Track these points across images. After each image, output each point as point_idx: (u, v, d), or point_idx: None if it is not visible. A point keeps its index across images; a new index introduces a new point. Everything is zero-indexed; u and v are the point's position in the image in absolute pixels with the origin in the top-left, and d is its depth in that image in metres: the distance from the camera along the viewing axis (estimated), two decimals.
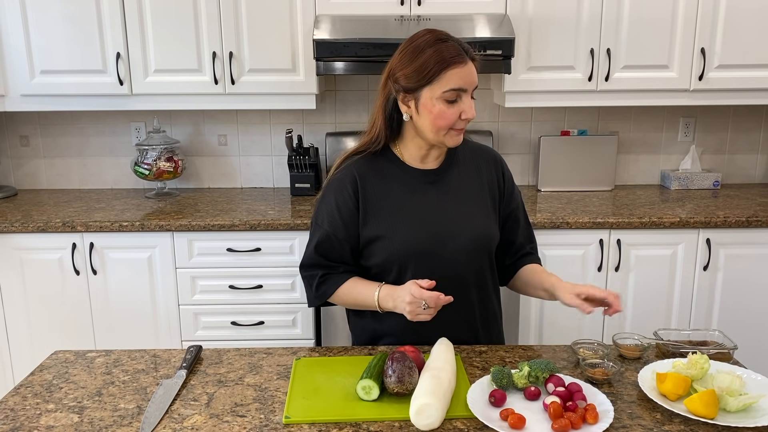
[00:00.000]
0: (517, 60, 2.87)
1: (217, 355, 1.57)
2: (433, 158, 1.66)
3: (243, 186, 3.40)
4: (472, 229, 1.62)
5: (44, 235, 2.74)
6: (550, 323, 2.84)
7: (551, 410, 1.26)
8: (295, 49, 2.88)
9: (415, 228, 1.60)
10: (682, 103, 2.98)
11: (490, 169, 1.71)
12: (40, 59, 2.87)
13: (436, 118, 1.53)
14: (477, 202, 1.66)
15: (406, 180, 1.63)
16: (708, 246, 2.78)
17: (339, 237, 1.62)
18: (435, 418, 1.24)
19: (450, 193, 1.64)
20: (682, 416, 1.28)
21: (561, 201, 3.05)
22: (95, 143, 3.34)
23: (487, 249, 1.66)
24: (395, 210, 1.61)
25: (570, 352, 1.58)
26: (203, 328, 2.84)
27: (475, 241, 1.62)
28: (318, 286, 1.67)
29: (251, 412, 1.32)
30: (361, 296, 1.62)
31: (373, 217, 1.61)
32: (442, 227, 1.61)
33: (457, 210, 1.63)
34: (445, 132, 1.55)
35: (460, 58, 1.51)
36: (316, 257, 1.66)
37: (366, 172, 1.63)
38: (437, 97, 1.51)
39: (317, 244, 1.65)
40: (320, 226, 1.64)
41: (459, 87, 1.50)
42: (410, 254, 1.58)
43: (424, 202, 1.62)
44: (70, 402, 1.36)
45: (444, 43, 1.52)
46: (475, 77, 1.54)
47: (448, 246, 1.60)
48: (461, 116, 1.53)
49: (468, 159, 1.70)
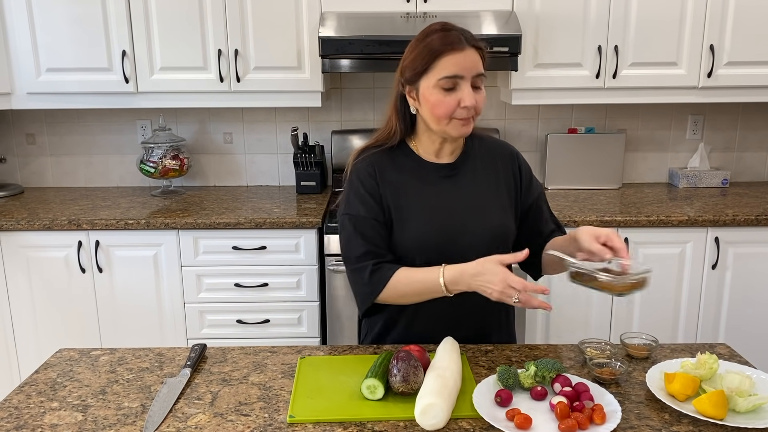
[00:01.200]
0: (524, 57, 2.86)
1: (222, 354, 1.56)
2: (448, 152, 1.64)
3: (249, 184, 3.40)
4: (486, 223, 1.60)
5: (50, 233, 2.75)
6: (557, 322, 2.82)
7: (558, 410, 1.25)
8: (301, 47, 2.87)
9: (429, 221, 1.58)
10: (691, 101, 2.95)
11: (506, 163, 1.68)
12: (46, 57, 2.87)
13: (433, 107, 1.51)
14: (493, 196, 1.64)
15: (421, 173, 1.62)
16: (717, 244, 2.75)
17: (379, 220, 1.58)
18: (440, 418, 1.23)
19: (465, 187, 1.62)
20: (690, 417, 1.27)
21: (568, 199, 3.03)
22: (101, 141, 3.35)
23: (502, 244, 1.63)
24: (410, 202, 1.59)
25: (577, 351, 1.57)
26: (209, 326, 2.84)
27: (489, 235, 1.60)
28: (372, 274, 1.54)
29: (255, 411, 1.31)
30: (421, 282, 1.50)
31: (390, 208, 1.59)
32: (456, 221, 1.59)
33: (471, 204, 1.61)
34: (447, 121, 1.52)
35: (457, 45, 1.48)
36: (364, 244, 1.56)
37: (383, 164, 1.62)
38: (433, 85, 1.50)
39: (361, 231, 1.57)
40: (355, 215, 1.58)
41: (454, 74, 1.48)
42: (423, 247, 1.56)
43: (438, 196, 1.60)
44: (74, 400, 1.35)
45: (444, 32, 1.50)
46: (476, 64, 1.50)
47: (462, 240, 1.57)
48: (460, 104, 1.49)
49: (484, 154, 1.68)
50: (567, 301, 2.79)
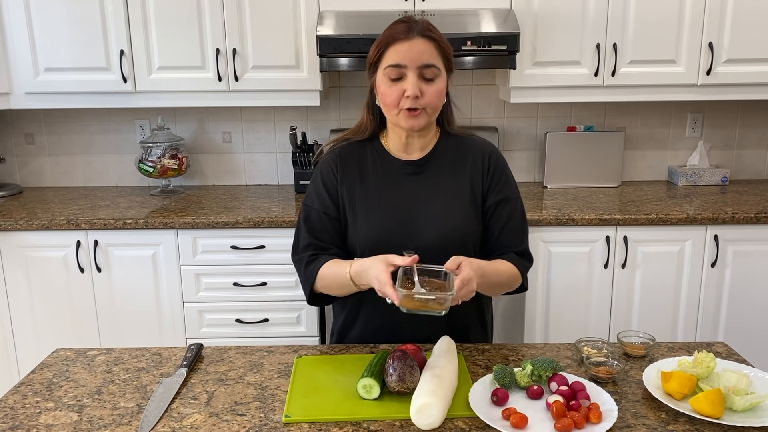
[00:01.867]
0: (523, 55, 2.85)
1: (218, 353, 1.56)
2: (418, 148, 1.62)
3: (248, 183, 3.39)
4: (443, 225, 1.56)
5: (49, 232, 2.74)
6: (556, 321, 2.82)
7: (554, 409, 1.24)
8: (299, 46, 2.87)
9: (384, 219, 1.57)
10: (690, 98, 2.94)
11: (477, 162, 1.62)
12: (44, 57, 2.87)
13: (382, 97, 1.53)
14: (455, 197, 1.59)
15: (385, 170, 1.61)
16: (716, 242, 2.75)
17: (330, 215, 1.60)
18: (436, 418, 1.22)
19: (428, 186, 1.60)
20: (687, 416, 1.26)
21: (567, 197, 3.03)
22: (100, 141, 3.34)
23: (460, 247, 1.54)
24: (368, 199, 1.59)
25: (574, 350, 1.56)
26: (208, 326, 2.83)
27: (444, 237, 1.55)
28: (307, 265, 1.59)
29: (251, 411, 1.31)
30: (338, 275, 1.52)
31: (346, 204, 1.60)
32: (412, 221, 1.57)
33: (431, 204, 1.58)
34: (396, 112, 1.52)
35: (402, 35, 1.48)
36: (308, 237, 1.61)
37: (348, 158, 1.63)
38: (382, 75, 1.51)
39: (309, 224, 1.61)
40: (309, 206, 1.63)
41: (397, 63, 1.48)
42: (375, 245, 1.53)
43: (399, 194, 1.59)
44: (69, 400, 1.35)
45: (397, 23, 1.51)
46: (422, 55, 1.48)
47: (417, 241, 1.54)
48: (404, 94, 1.48)
49: (457, 153, 1.63)
50: (566, 300, 2.79)
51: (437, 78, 1.51)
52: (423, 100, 1.50)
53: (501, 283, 1.59)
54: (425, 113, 1.52)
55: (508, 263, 1.59)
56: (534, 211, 2.77)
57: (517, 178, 1.72)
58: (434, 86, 1.51)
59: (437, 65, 1.51)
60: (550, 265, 2.76)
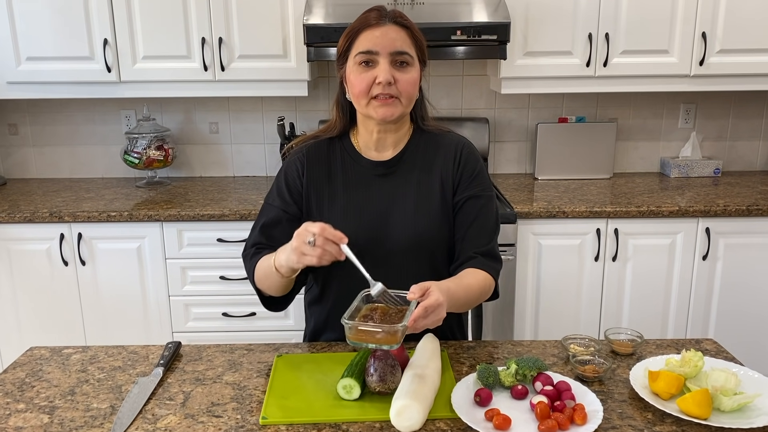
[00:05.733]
0: (513, 45, 2.81)
1: (197, 352, 1.53)
2: (390, 146, 1.57)
3: (235, 174, 3.35)
4: (410, 228, 1.51)
5: (31, 225, 2.70)
6: (547, 313, 2.79)
7: (538, 410, 1.21)
8: (286, 35, 2.82)
9: (351, 222, 1.51)
10: (683, 89, 2.91)
11: (448, 159, 1.56)
12: (25, 45, 2.81)
13: (352, 86, 1.47)
14: (425, 199, 1.54)
15: (354, 170, 1.56)
16: (707, 235, 2.72)
17: (290, 214, 1.55)
18: (416, 420, 1.19)
19: (397, 188, 1.55)
20: (674, 416, 1.24)
21: (558, 189, 2.99)
22: (85, 131, 3.29)
23: (427, 251, 1.52)
24: (333, 201, 1.54)
25: (561, 347, 1.53)
26: (194, 320, 2.79)
27: (411, 241, 1.50)
28: (249, 260, 1.53)
29: (228, 412, 1.27)
30: (266, 267, 1.45)
31: (312, 206, 1.56)
32: (379, 224, 1.52)
33: (398, 207, 1.53)
34: (367, 101, 1.47)
35: (373, 22, 1.45)
36: (259, 237, 1.55)
37: (315, 157, 1.58)
38: (352, 63, 1.47)
39: (264, 222, 1.56)
40: (270, 204, 1.58)
41: (368, 49, 1.44)
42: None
43: (365, 197, 1.54)
44: (41, 401, 1.32)
45: (367, 12, 1.48)
46: (394, 42, 1.44)
47: (384, 245, 1.50)
48: (376, 81, 1.44)
49: (429, 150, 1.58)
50: (556, 293, 2.76)
51: (410, 66, 1.47)
52: (396, 87, 1.45)
53: (470, 301, 1.48)
54: (399, 102, 1.47)
55: (478, 272, 1.49)
56: (524, 203, 2.74)
57: (507, 170, 1.68)
58: (408, 74, 1.46)
59: (410, 53, 1.46)
60: (540, 257, 2.72)
